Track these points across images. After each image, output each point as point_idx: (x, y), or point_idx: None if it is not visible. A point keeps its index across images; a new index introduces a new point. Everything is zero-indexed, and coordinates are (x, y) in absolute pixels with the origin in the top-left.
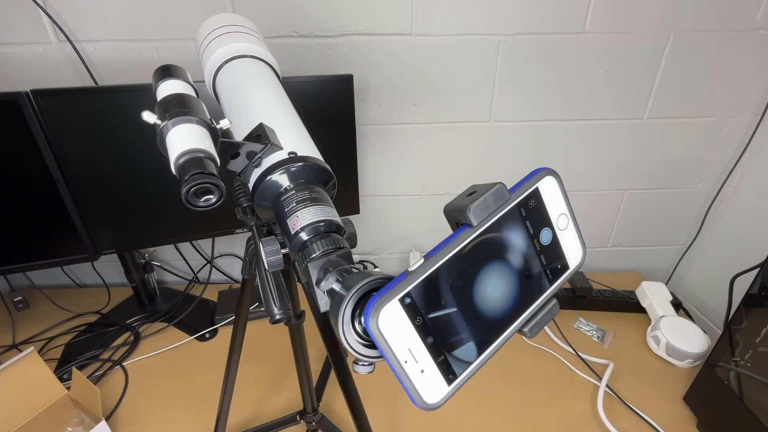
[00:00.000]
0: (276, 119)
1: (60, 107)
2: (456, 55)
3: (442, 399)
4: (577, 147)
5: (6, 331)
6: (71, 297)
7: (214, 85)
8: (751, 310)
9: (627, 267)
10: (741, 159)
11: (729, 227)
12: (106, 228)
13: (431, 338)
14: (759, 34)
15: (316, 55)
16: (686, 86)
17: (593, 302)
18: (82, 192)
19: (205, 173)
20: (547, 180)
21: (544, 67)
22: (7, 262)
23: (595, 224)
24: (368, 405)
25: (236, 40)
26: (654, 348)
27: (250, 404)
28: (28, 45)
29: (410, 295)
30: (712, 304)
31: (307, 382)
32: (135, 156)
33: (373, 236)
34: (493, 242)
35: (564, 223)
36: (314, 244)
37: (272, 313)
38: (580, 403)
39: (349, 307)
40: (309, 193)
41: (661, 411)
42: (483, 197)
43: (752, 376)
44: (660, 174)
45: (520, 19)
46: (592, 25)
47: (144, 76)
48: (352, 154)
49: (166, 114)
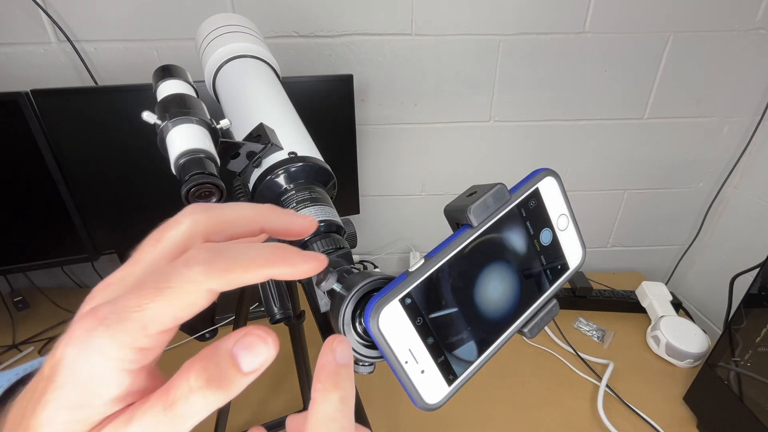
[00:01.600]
0: (276, 119)
1: (60, 107)
2: (456, 55)
3: (443, 399)
4: (577, 147)
5: (6, 331)
6: (71, 297)
7: (214, 85)
8: (751, 310)
9: (627, 267)
10: (741, 159)
11: (729, 227)
12: (106, 228)
13: (432, 339)
14: (759, 34)
15: (316, 55)
16: (686, 86)
17: (593, 302)
18: (82, 192)
19: (205, 173)
20: (547, 180)
21: (545, 67)
22: (7, 262)
23: (595, 224)
24: (368, 405)
25: (236, 39)
26: (654, 348)
27: (250, 404)
28: (28, 45)
29: (411, 296)
30: (712, 304)
31: (307, 383)
32: (135, 156)
33: (373, 236)
34: (493, 243)
35: (564, 223)
36: (314, 244)
37: (272, 313)
38: (580, 403)
39: (349, 307)
40: (309, 193)
41: (661, 411)
42: (483, 198)
43: (752, 376)
44: (660, 174)
45: (520, 19)
46: (592, 25)
47: (144, 76)
48: (352, 154)
49: (166, 114)
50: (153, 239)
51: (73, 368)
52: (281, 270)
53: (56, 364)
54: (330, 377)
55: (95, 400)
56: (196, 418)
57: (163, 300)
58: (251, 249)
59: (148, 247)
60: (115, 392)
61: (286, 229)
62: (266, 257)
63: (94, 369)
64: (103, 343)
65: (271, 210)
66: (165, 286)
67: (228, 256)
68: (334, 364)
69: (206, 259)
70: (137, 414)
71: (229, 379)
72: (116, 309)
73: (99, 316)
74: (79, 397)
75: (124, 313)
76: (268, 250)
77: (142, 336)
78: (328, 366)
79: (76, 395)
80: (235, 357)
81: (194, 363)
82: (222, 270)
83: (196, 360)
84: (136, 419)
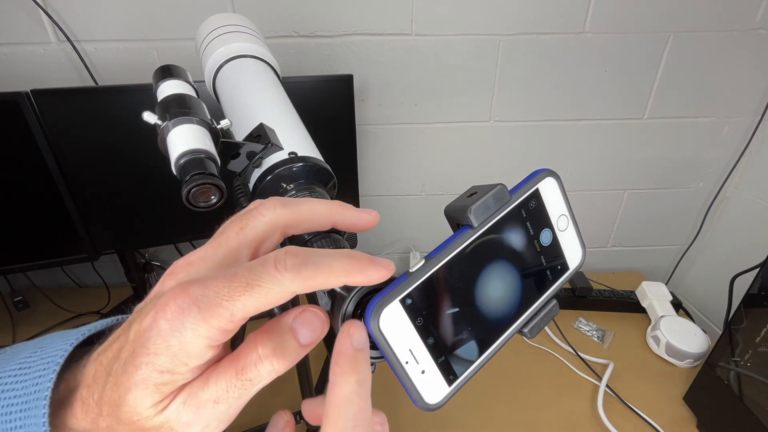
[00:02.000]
0: (276, 119)
1: (60, 107)
2: (456, 55)
3: (443, 399)
4: (577, 147)
5: (6, 331)
6: (71, 297)
7: (214, 85)
8: (751, 310)
9: (627, 267)
10: (741, 159)
11: (729, 227)
12: (106, 228)
13: (432, 339)
14: (759, 34)
15: (316, 55)
16: (686, 86)
17: (593, 302)
18: (82, 192)
19: (205, 173)
20: (547, 181)
21: (544, 67)
22: (7, 262)
23: (595, 224)
24: None
25: (236, 39)
26: (654, 348)
27: (250, 404)
28: (28, 45)
29: (411, 296)
30: (712, 304)
31: (307, 382)
32: (135, 156)
33: (373, 236)
34: (493, 243)
35: (564, 223)
36: (314, 244)
37: (272, 313)
38: (580, 403)
39: (349, 307)
40: (309, 193)
41: (661, 411)
42: (484, 198)
43: (752, 376)
44: (660, 174)
45: (520, 19)
46: (592, 25)
47: (144, 76)
48: (352, 154)
49: (166, 114)
50: (237, 227)
51: (168, 339)
52: (357, 278)
53: (147, 332)
54: (347, 361)
55: (182, 367)
56: (262, 382)
57: (252, 295)
58: (332, 257)
59: (232, 233)
60: (199, 362)
61: (354, 224)
62: (344, 267)
63: (185, 343)
64: (196, 323)
65: (341, 206)
66: (255, 284)
67: (313, 264)
68: (351, 348)
69: (294, 265)
70: (212, 377)
71: (290, 349)
72: (208, 293)
73: (192, 297)
74: (170, 364)
75: (216, 299)
76: (347, 261)
77: (229, 321)
78: (345, 350)
79: (168, 362)
80: (294, 330)
81: (260, 335)
82: (307, 278)
83: (261, 332)
84: (212, 382)
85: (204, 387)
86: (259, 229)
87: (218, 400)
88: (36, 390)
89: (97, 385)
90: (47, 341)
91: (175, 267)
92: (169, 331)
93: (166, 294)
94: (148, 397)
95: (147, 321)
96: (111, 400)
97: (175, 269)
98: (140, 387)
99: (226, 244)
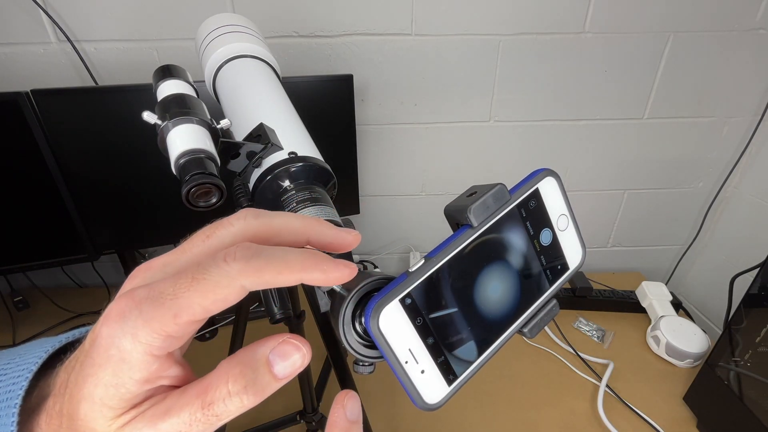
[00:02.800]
0: (276, 119)
1: (60, 107)
2: (456, 55)
3: (443, 399)
4: (577, 147)
5: (6, 331)
6: (71, 297)
7: (214, 85)
8: (751, 310)
9: (627, 267)
10: (741, 159)
11: (729, 227)
12: (106, 228)
13: (432, 339)
14: (759, 34)
15: (316, 55)
16: (686, 86)
17: (593, 302)
18: (82, 192)
19: (205, 173)
20: (547, 181)
21: (544, 67)
22: (7, 262)
23: (595, 224)
24: (368, 405)
25: (236, 40)
26: (654, 348)
27: None
28: (28, 45)
29: (411, 296)
30: (712, 304)
31: (307, 382)
32: (135, 156)
33: (373, 236)
34: (493, 243)
35: (564, 223)
36: None
37: (272, 313)
38: (580, 403)
39: (349, 307)
40: (309, 193)
41: (661, 411)
42: (483, 198)
43: (752, 376)
44: (660, 174)
45: (520, 19)
46: (592, 25)
47: (144, 76)
48: (352, 154)
49: (166, 114)
50: (204, 234)
51: (107, 348)
52: (314, 275)
53: (93, 340)
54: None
55: (127, 380)
56: (229, 417)
57: (197, 290)
58: (288, 253)
59: (198, 240)
60: (143, 374)
61: (331, 242)
62: (301, 262)
63: (123, 351)
64: (135, 328)
65: (318, 223)
66: (201, 277)
67: (265, 257)
68: (345, 421)
69: (244, 256)
70: (175, 408)
71: (263, 384)
72: (153, 294)
73: (135, 299)
74: (112, 377)
75: (160, 299)
76: (303, 256)
77: (173, 323)
78: (339, 423)
79: (110, 374)
80: (271, 364)
81: (232, 366)
82: (257, 269)
83: (234, 364)
84: (173, 413)
85: (165, 417)
86: (225, 239)
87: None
88: (8, 398)
89: (60, 395)
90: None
91: (135, 272)
92: (108, 338)
93: (114, 299)
94: (98, 412)
95: (96, 328)
96: (68, 413)
97: (135, 273)
98: (88, 401)
99: (190, 251)
